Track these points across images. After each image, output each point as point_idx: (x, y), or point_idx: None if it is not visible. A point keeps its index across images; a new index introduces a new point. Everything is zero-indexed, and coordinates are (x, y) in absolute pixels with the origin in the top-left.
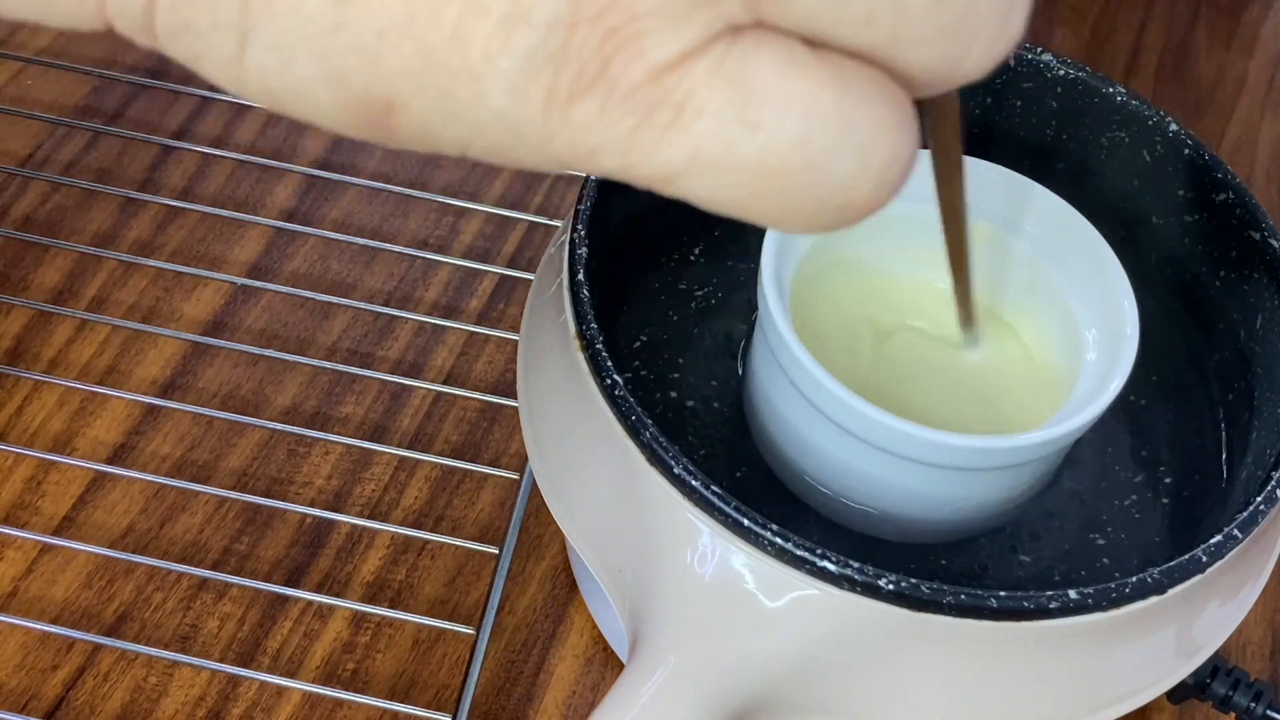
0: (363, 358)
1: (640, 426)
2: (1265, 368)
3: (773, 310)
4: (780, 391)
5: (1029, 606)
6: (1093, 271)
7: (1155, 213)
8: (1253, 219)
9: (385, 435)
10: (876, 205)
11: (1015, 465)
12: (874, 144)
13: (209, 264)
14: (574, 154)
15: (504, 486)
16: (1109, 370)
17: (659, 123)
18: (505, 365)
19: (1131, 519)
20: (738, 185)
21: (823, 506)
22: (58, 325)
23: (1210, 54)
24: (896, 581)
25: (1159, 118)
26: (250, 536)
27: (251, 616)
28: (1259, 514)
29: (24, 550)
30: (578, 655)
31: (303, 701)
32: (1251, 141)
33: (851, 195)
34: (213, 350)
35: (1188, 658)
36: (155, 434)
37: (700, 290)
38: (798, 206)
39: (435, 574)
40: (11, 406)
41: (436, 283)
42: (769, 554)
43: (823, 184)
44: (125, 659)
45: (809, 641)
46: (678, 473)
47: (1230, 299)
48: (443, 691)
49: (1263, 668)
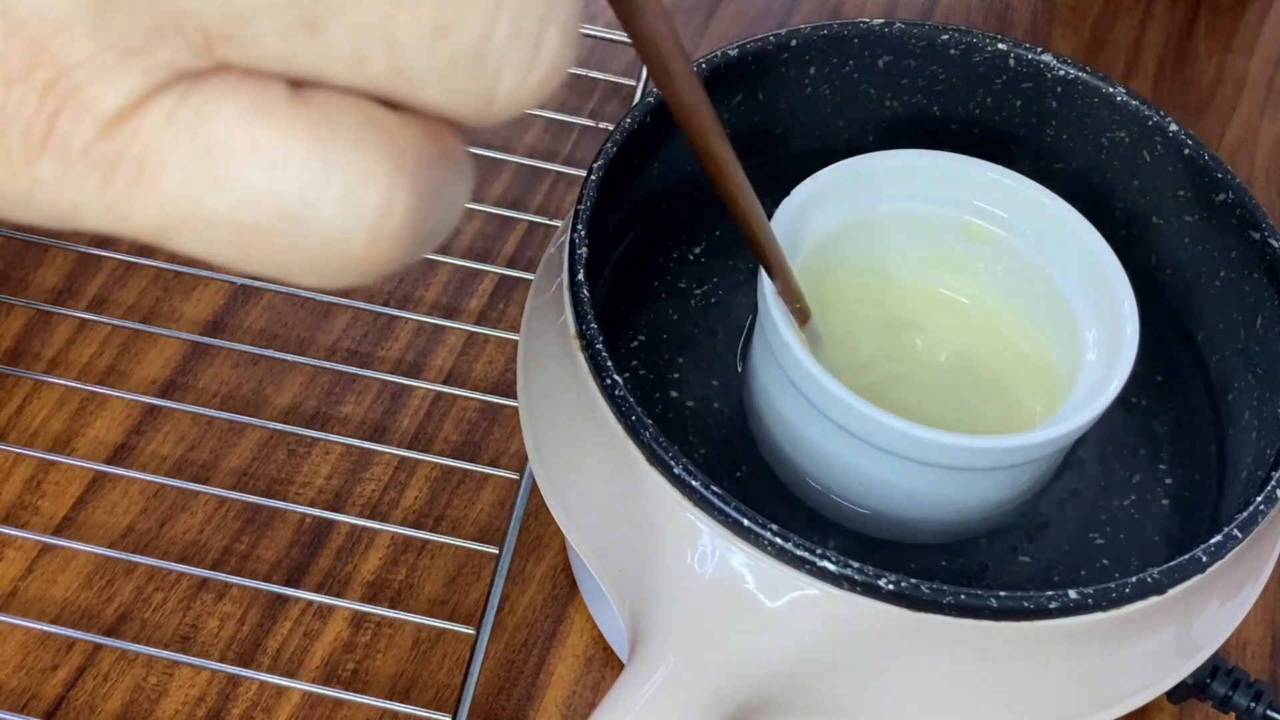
0: (363, 358)
1: (640, 426)
2: (1265, 368)
3: (773, 310)
4: (780, 391)
5: (1029, 606)
6: (1093, 271)
7: (1155, 213)
8: (1253, 219)
9: (385, 435)
10: (385, 257)
11: (1015, 465)
12: (360, 195)
13: (209, 264)
14: (61, 213)
15: (504, 486)
16: (1109, 370)
17: (124, 180)
18: (505, 365)
19: (1131, 519)
20: (223, 242)
21: (823, 506)
22: (58, 325)
23: (1210, 54)
24: (896, 581)
25: (1159, 118)
26: (250, 536)
27: (251, 616)
28: (1259, 514)
29: (24, 550)
30: (578, 655)
31: (303, 701)
32: (1251, 141)
33: (347, 249)
34: (213, 350)
35: (1188, 658)
36: (155, 434)
37: (700, 290)
38: (295, 263)
39: (435, 574)
40: (11, 406)
41: (436, 283)
42: (769, 554)
43: (309, 238)
44: (125, 659)
45: (809, 641)
46: (678, 473)
47: (1230, 299)
48: (443, 691)
49: (1263, 668)
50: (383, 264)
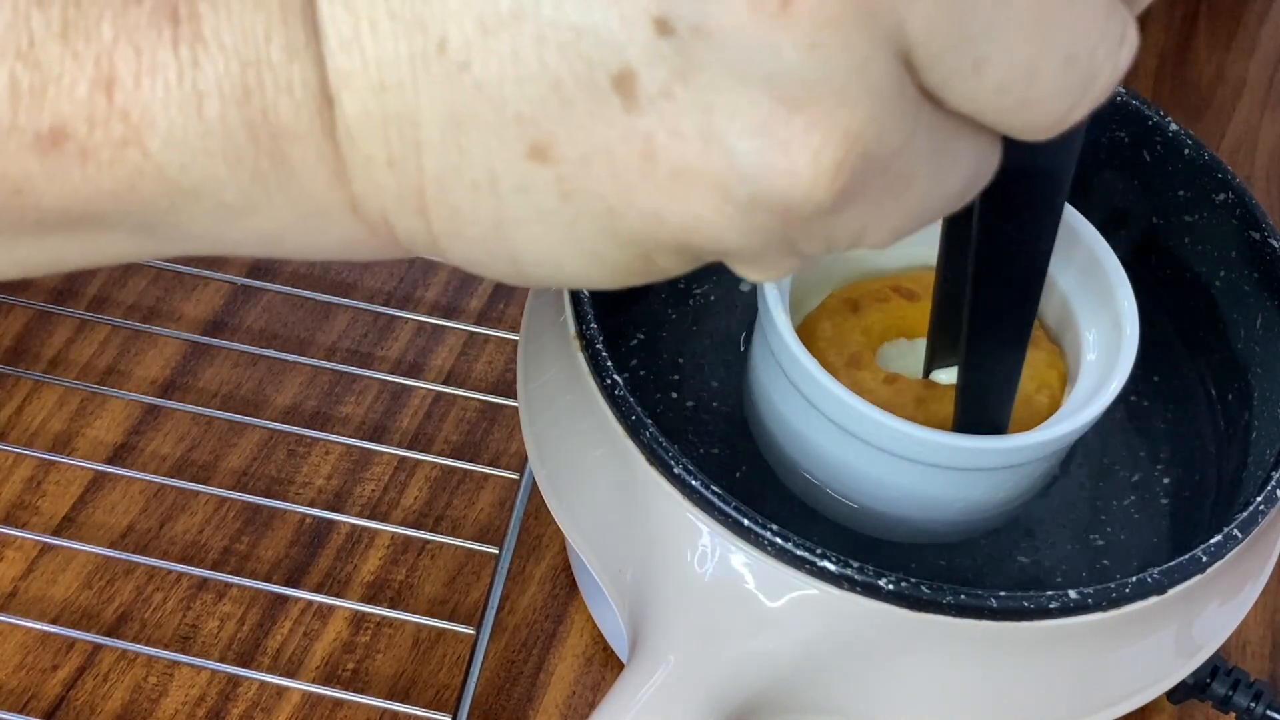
0: (363, 358)
1: (640, 426)
2: (1265, 368)
3: (773, 310)
4: (780, 391)
5: (1029, 606)
6: (1093, 271)
7: (1155, 213)
8: (1253, 219)
9: (385, 435)
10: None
11: (1014, 465)
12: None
13: (209, 263)
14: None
15: (504, 486)
16: (1109, 370)
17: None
18: (505, 365)
19: (1131, 519)
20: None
21: (823, 506)
22: (58, 325)
23: (1210, 54)
24: (896, 581)
25: (1159, 118)
26: (250, 536)
27: (251, 616)
28: (1259, 514)
29: (24, 550)
30: (578, 655)
31: (303, 701)
32: (1251, 141)
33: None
34: (213, 350)
35: (1188, 658)
36: (155, 434)
37: (700, 289)
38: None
39: (435, 574)
40: (11, 406)
41: (436, 282)
42: (769, 554)
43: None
44: (125, 659)
45: (809, 641)
46: (678, 473)
47: (1230, 299)
48: (443, 691)
49: (1263, 668)
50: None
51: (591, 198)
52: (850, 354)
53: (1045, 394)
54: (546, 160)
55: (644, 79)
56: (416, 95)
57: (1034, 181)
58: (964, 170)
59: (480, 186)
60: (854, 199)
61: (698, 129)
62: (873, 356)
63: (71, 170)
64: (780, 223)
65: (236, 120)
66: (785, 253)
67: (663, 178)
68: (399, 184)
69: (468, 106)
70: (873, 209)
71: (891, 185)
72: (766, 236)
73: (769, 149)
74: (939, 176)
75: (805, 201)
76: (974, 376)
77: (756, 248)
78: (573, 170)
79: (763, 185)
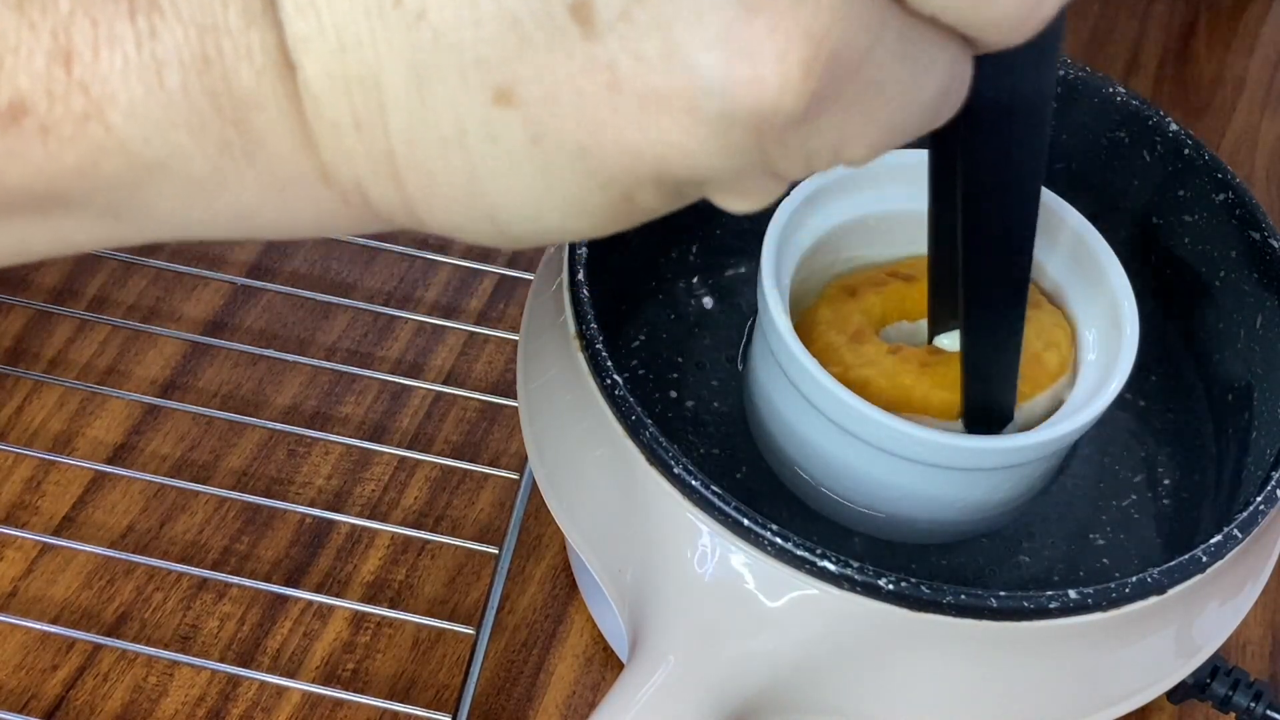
0: (363, 358)
1: (640, 426)
2: (1265, 368)
3: (772, 310)
4: (780, 391)
5: (1029, 606)
6: (1093, 271)
7: (1155, 213)
8: (1253, 219)
9: (385, 435)
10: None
11: (1015, 466)
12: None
13: (209, 264)
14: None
15: (504, 486)
16: (1109, 370)
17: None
18: (505, 365)
19: (1131, 519)
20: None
21: (823, 506)
22: (58, 325)
23: (1210, 54)
24: (896, 581)
25: (1159, 118)
26: (250, 536)
27: (251, 616)
28: (1259, 514)
29: (24, 550)
30: (578, 655)
31: (303, 701)
32: (1251, 141)
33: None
34: (213, 350)
35: (1188, 658)
36: (155, 434)
37: (700, 290)
38: None
39: (435, 574)
40: (11, 406)
41: (436, 282)
42: (769, 554)
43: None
44: (125, 659)
45: (809, 641)
46: (678, 473)
47: (1230, 299)
48: (443, 691)
49: (1263, 668)
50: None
51: (562, 138)
52: (853, 330)
53: (1054, 353)
54: (511, 103)
55: (600, 3)
56: (376, 53)
57: (1014, 116)
58: (936, 78)
59: (449, 141)
60: (826, 105)
61: (659, 49)
62: (875, 334)
63: (33, 147)
64: (755, 137)
65: (198, 90)
66: (764, 174)
67: (630, 107)
68: (368, 148)
69: (428, 58)
70: (847, 118)
71: (863, 92)
72: (743, 156)
73: (732, 58)
74: (911, 83)
75: (776, 110)
76: (976, 335)
77: (734, 170)
78: (539, 111)
79: (731, 97)
